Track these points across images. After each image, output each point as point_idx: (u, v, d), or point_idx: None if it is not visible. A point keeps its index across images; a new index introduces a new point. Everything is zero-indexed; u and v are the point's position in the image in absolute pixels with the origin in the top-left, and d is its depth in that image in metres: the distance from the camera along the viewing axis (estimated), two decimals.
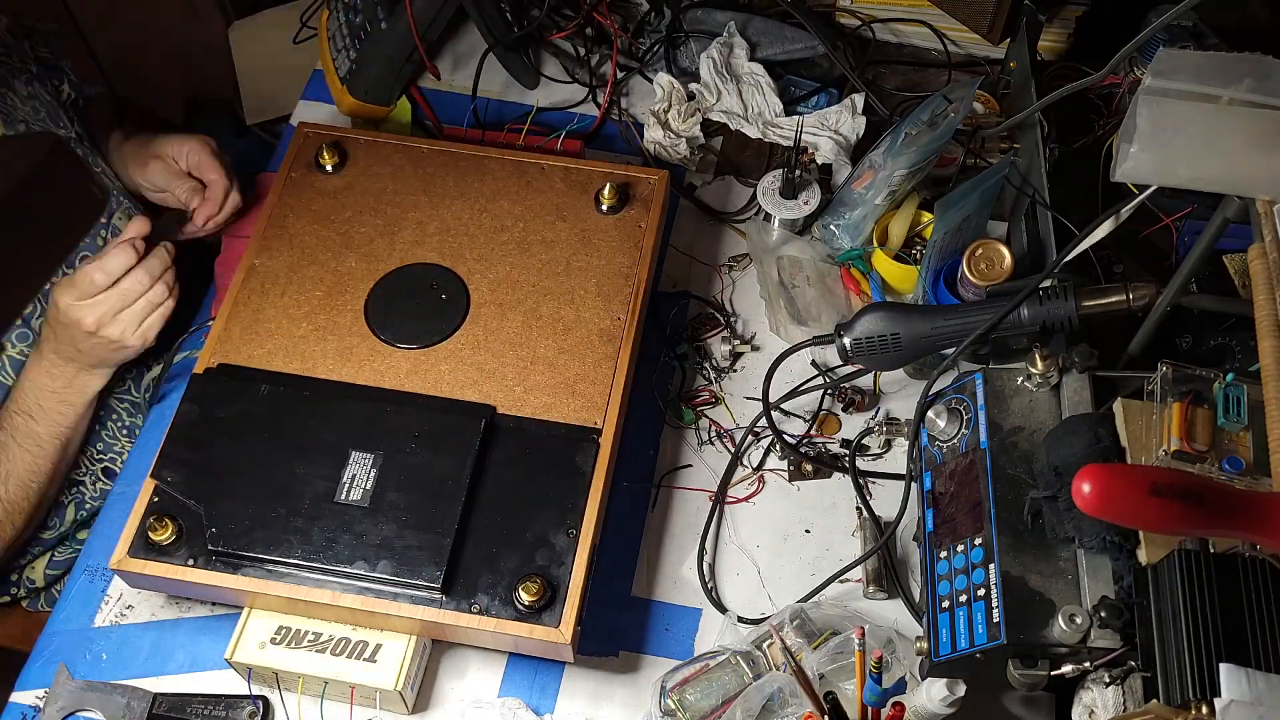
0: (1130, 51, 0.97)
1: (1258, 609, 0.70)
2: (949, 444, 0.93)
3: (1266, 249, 0.79)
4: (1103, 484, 0.67)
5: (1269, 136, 0.78)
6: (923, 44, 1.39)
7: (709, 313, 1.18)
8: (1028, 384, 0.92)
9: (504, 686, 0.98)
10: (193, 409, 0.99)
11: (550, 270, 1.09)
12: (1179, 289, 0.92)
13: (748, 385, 1.13)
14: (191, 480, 0.95)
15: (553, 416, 1.00)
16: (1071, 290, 0.96)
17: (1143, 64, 1.29)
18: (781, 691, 0.89)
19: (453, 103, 1.35)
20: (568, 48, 1.37)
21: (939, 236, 1.07)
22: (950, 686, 0.84)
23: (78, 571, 1.04)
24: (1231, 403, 0.81)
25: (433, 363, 1.03)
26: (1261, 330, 0.77)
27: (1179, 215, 1.16)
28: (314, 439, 0.97)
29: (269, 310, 1.06)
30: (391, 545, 0.92)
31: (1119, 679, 0.79)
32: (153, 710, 0.95)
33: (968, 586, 0.84)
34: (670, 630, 1.01)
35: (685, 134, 1.27)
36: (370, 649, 0.93)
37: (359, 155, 1.16)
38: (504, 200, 1.13)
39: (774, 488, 1.08)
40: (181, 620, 1.01)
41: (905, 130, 1.12)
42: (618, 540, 1.04)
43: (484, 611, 0.90)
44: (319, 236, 1.10)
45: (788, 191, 1.18)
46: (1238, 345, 1.02)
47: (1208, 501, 0.67)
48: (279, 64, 1.64)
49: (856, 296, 1.17)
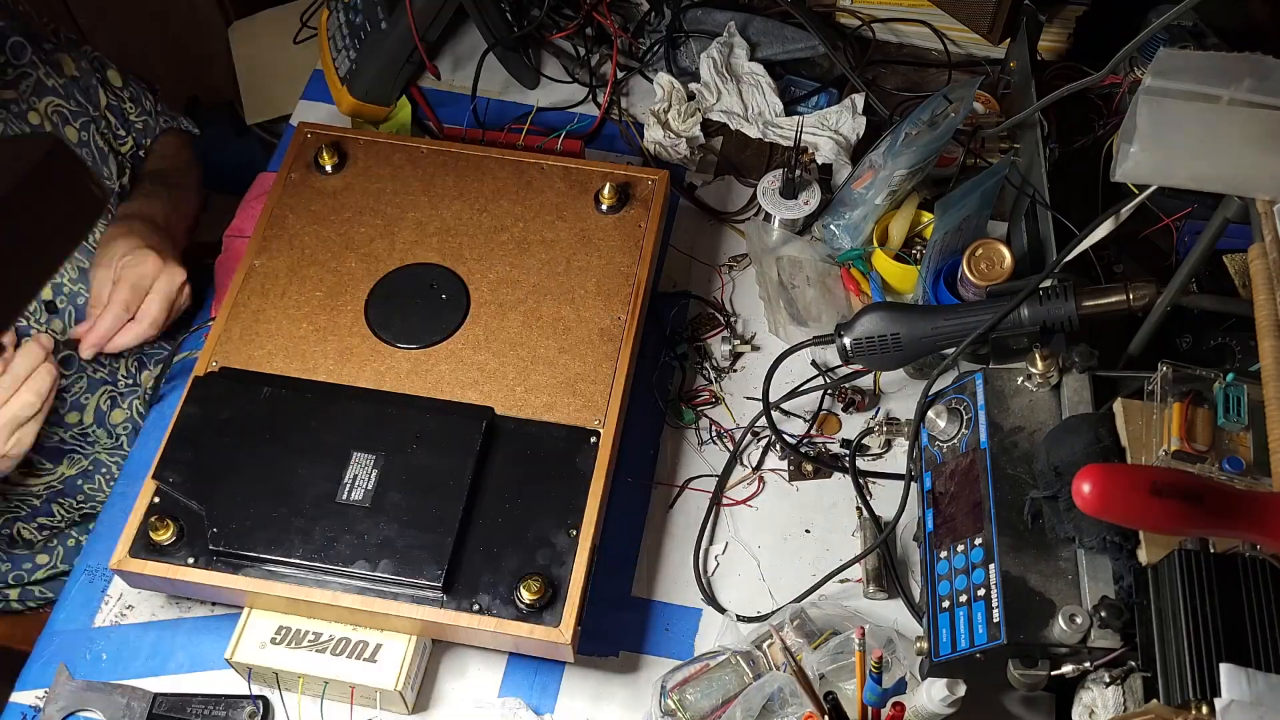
0: (1130, 51, 0.97)
1: (1258, 609, 0.70)
2: (949, 444, 0.93)
3: (1266, 249, 0.79)
4: (1103, 484, 0.67)
5: (1269, 136, 0.78)
6: (923, 44, 1.39)
7: (709, 313, 1.18)
8: (1028, 384, 0.92)
9: (504, 686, 0.98)
10: (194, 411, 0.99)
11: (550, 270, 1.09)
12: (1179, 289, 0.92)
13: (748, 385, 1.13)
14: (193, 481, 0.95)
15: (553, 416, 1.00)
16: (1071, 290, 0.96)
17: (1143, 64, 1.29)
18: (781, 691, 0.89)
19: (453, 103, 1.35)
20: (568, 48, 1.37)
21: (939, 236, 1.07)
22: (950, 686, 0.84)
23: (78, 571, 1.03)
24: (1231, 403, 0.81)
25: (433, 363, 1.03)
26: (1261, 330, 0.77)
27: (1179, 215, 1.16)
28: (315, 440, 0.97)
29: (269, 311, 1.06)
30: (393, 545, 0.92)
31: (1119, 679, 0.79)
32: (153, 710, 0.95)
33: (968, 586, 0.84)
34: (670, 630, 1.01)
35: (685, 134, 1.27)
36: (370, 649, 0.93)
37: (359, 155, 1.16)
38: (504, 200, 1.13)
39: (774, 488, 1.08)
40: (181, 620, 1.01)
41: (905, 130, 1.12)
42: (618, 540, 1.04)
43: (484, 611, 0.90)
44: (319, 237, 1.10)
45: (788, 191, 1.18)
46: (1238, 345, 1.02)
47: (1208, 501, 0.67)
48: (279, 64, 1.64)
49: (856, 296, 1.17)
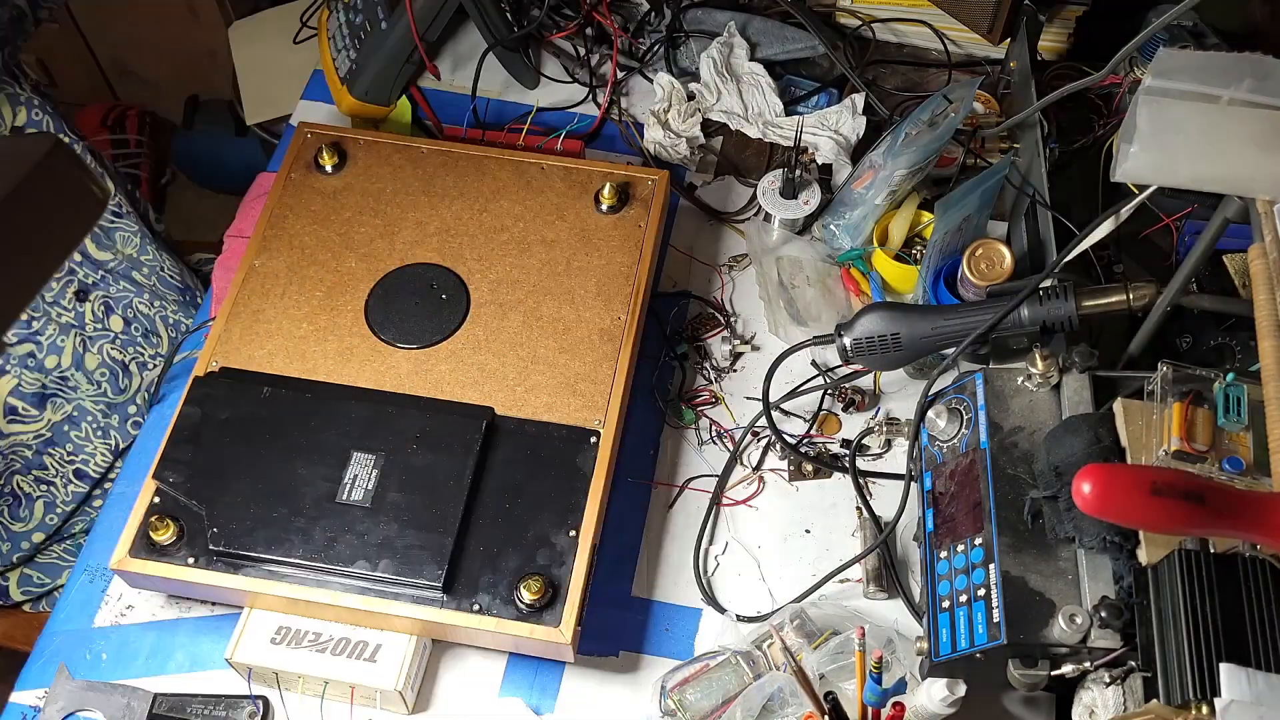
0: (1130, 51, 0.97)
1: (1258, 609, 0.70)
2: (949, 444, 0.93)
3: (1266, 249, 0.79)
4: (1103, 484, 0.67)
5: (1269, 136, 0.78)
6: (923, 44, 1.39)
7: (709, 313, 1.18)
8: (1028, 384, 0.92)
9: (504, 686, 0.98)
10: (194, 411, 0.99)
11: (550, 270, 1.09)
12: (1179, 289, 0.92)
13: (748, 385, 1.13)
14: (193, 481, 0.95)
15: (553, 416, 1.00)
16: (1071, 290, 0.96)
17: (1143, 64, 1.29)
18: (781, 691, 0.89)
19: (453, 103, 1.35)
20: (568, 48, 1.37)
21: (939, 236, 1.07)
22: (950, 686, 0.84)
23: (78, 571, 1.03)
24: (1231, 403, 0.81)
25: (433, 363, 1.03)
26: (1261, 330, 0.77)
27: (1179, 215, 1.16)
28: (315, 441, 0.97)
29: (269, 311, 1.06)
30: (393, 545, 0.92)
31: (1119, 679, 0.79)
32: (153, 710, 0.95)
33: (968, 586, 0.84)
34: (670, 630, 1.01)
35: (685, 134, 1.27)
36: (370, 649, 0.93)
37: (359, 155, 1.16)
38: (504, 200, 1.13)
39: (774, 488, 1.08)
40: (181, 620, 1.01)
41: (905, 130, 1.12)
42: (618, 540, 1.04)
43: (485, 611, 0.90)
44: (319, 237, 1.10)
45: (788, 191, 1.18)
46: (1238, 345, 1.02)
47: (1208, 501, 0.67)
48: (279, 64, 1.64)
49: (856, 296, 1.17)
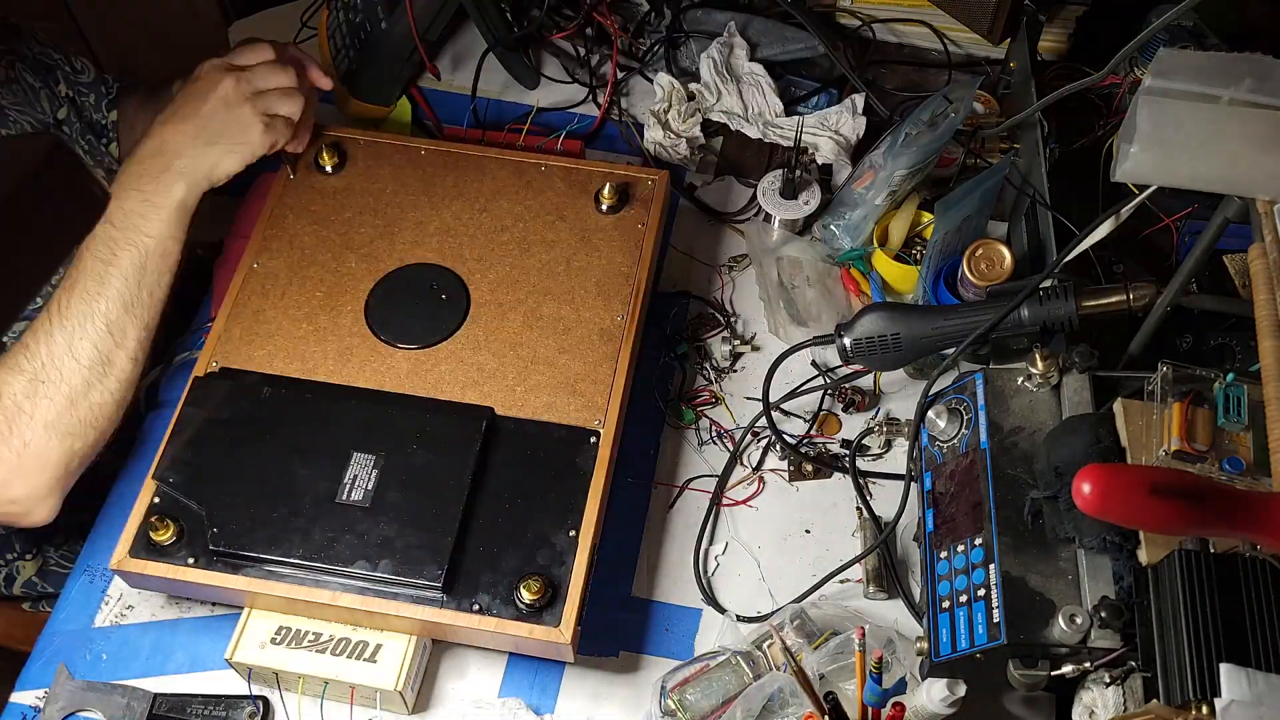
0: (1130, 51, 0.97)
1: (1258, 609, 0.70)
2: (949, 444, 0.93)
3: (1266, 249, 0.79)
4: (1103, 484, 0.67)
5: (1269, 136, 0.78)
6: (923, 44, 1.39)
7: (709, 313, 1.18)
8: (1028, 384, 0.92)
9: (504, 686, 0.98)
10: (194, 411, 0.99)
11: (550, 270, 1.09)
12: (1179, 289, 0.92)
13: (748, 385, 1.13)
14: (193, 481, 0.95)
15: (553, 417, 1.00)
16: (1071, 290, 0.96)
17: (1143, 64, 1.29)
18: (781, 691, 0.89)
19: (453, 103, 1.35)
20: (568, 48, 1.37)
21: (939, 236, 1.07)
22: (950, 687, 0.84)
23: (78, 571, 1.03)
24: (1231, 403, 0.81)
25: (433, 363, 1.03)
26: (1261, 330, 0.77)
27: (1179, 215, 1.16)
28: (315, 441, 0.97)
29: (269, 311, 1.06)
30: (392, 545, 0.92)
31: (1119, 679, 0.79)
32: (153, 710, 0.95)
33: (968, 586, 0.84)
34: (670, 630, 1.01)
35: (685, 134, 1.27)
36: (370, 649, 0.93)
37: (359, 155, 1.16)
38: (504, 200, 1.13)
39: (774, 488, 1.08)
40: (181, 620, 1.01)
41: (905, 130, 1.12)
42: (618, 540, 1.04)
43: (485, 611, 0.90)
44: (319, 237, 1.10)
45: (788, 192, 1.18)
46: (1238, 345, 1.02)
47: (1208, 501, 0.67)
48: None
49: (856, 297, 1.17)
